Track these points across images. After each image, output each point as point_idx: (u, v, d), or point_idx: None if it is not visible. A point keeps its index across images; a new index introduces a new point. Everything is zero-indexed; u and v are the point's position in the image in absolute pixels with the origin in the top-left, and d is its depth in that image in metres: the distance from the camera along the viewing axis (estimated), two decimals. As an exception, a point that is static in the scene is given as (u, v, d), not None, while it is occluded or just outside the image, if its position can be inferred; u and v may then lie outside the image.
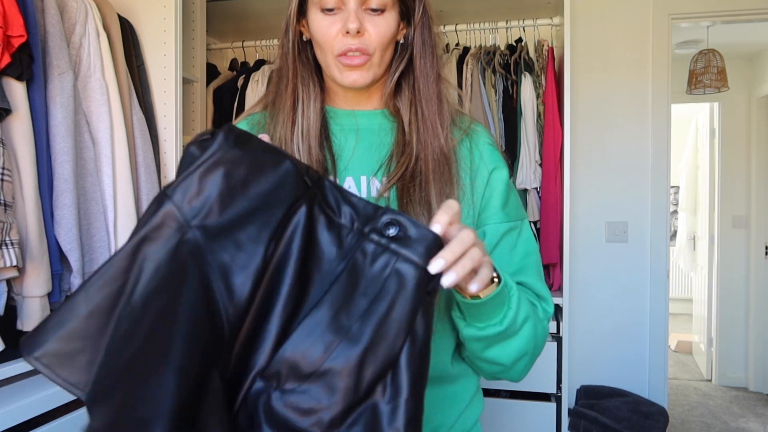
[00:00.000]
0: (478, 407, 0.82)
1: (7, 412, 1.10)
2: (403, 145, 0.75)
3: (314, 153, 0.73)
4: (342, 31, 0.70)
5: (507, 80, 2.11)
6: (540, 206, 2.07)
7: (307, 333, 0.50)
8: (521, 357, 0.71)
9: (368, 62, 0.71)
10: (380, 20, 0.70)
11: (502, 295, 0.64)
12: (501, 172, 0.78)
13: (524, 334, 0.69)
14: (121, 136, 1.42)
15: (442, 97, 0.76)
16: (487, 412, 2.03)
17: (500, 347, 0.69)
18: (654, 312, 2.52)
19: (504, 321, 0.66)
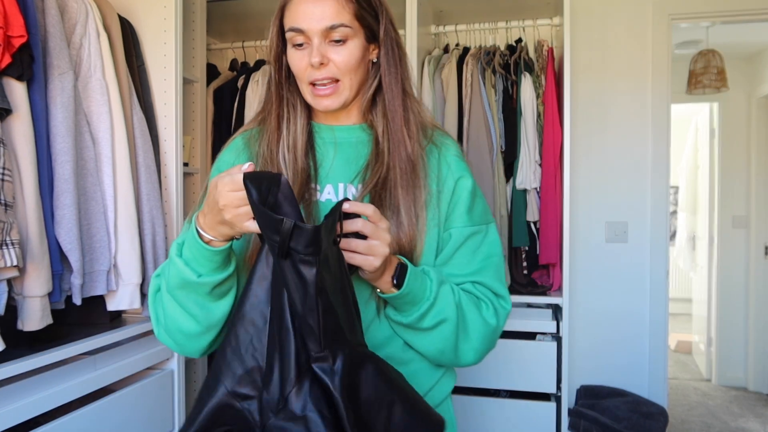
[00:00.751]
0: (447, 386, 0.93)
1: (7, 412, 1.10)
2: (376, 155, 0.85)
3: (300, 162, 0.84)
4: (308, 64, 0.80)
5: (507, 80, 2.11)
6: (540, 206, 2.07)
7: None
8: (439, 352, 0.84)
9: (338, 89, 0.81)
10: (343, 49, 0.80)
11: (406, 298, 0.78)
12: (466, 180, 0.87)
13: (436, 336, 0.82)
14: (121, 136, 1.42)
15: (408, 109, 0.85)
16: (487, 412, 2.04)
17: (412, 336, 0.83)
18: (654, 312, 2.52)
19: (408, 318, 0.80)
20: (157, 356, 1.56)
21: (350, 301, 0.72)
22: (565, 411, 1.99)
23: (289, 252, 0.64)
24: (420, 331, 0.82)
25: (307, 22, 0.78)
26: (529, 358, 2.01)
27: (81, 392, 1.29)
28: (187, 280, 0.74)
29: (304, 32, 0.79)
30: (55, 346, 1.24)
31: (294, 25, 0.79)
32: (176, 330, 0.79)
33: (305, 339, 0.65)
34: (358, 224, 0.72)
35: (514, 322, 2.04)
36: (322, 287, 0.65)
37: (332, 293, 0.67)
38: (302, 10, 0.78)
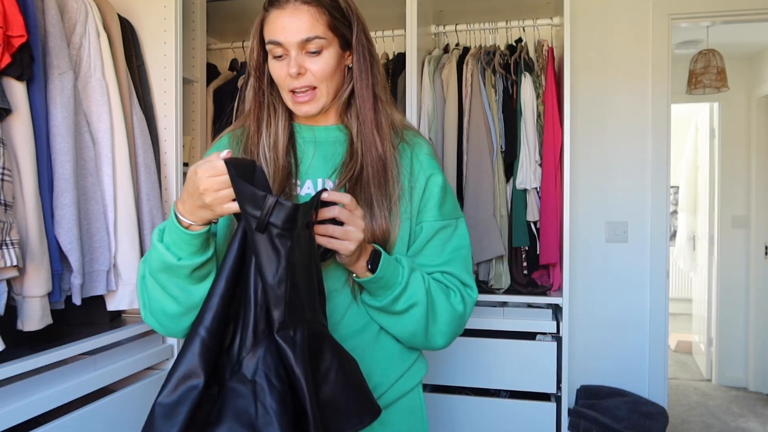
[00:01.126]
0: (419, 373, 0.99)
1: (7, 412, 1.10)
2: (351, 154, 0.92)
3: (281, 160, 0.92)
4: (287, 74, 0.86)
5: (507, 80, 2.11)
6: (540, 206, 2.07)
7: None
8: (411, 335, 0.91)
9: (315, 95, 0.89)
10: (318, 59, 0.87)
11: (379, 282, 0.85)
12: (437, 177, 0.95)
13: (408, 319, 0.89)
14: (121, 136, 1.42)
15: (379, 112, 0.92)
16: (487, 412, 2.04)
17: (386, 319, 0.90)
18: (654, 312, 2.52)
19: (381, 301, 0.87)
20: (157, 356, 1.56)
21: (315, 283, 0.79)
22: (565, 411, 1.99)
23: (267, 226, 0.70)
24: (393, 315, 0.89)
25: (284, 35, 0.85)
26: (529, 358, 2.01)
27: (81, 392, 1.29)
28: (168, 264, 0.79)
29: (282, 45, 0.85)
30: (55, 346, 1.24)
31: (273, 38, 0.86)
32: (160, 311, 0.84)
33: (271, 308, 0.70)
34: (335, 211, 0.80)
35: (514, 322, 2.04)
36: (293, 262, 0.71)
37: (300, 272, 0.73)
38: (280, 23, 0.85)
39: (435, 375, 2.10)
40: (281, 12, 0.85)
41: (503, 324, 2.05)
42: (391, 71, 2.25)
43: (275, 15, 0.86)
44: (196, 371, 0.70)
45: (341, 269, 0.88)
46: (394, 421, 0.94)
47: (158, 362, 1.58)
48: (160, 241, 0.80)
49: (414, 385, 0.98)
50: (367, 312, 0.91)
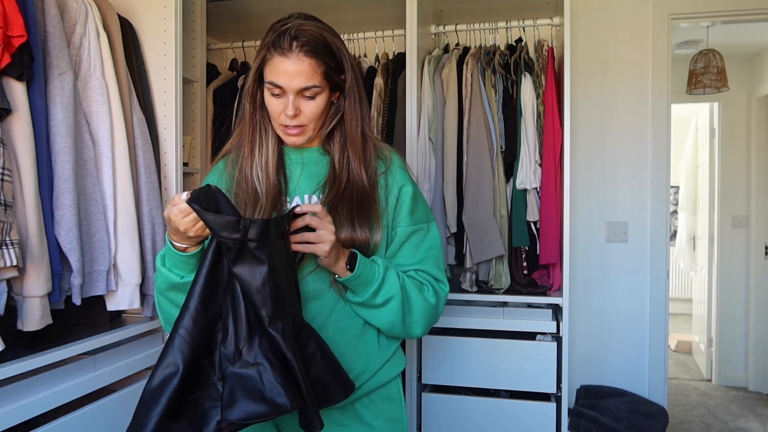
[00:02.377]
0: (398, 366, 1.11)
1: (7, 412, 1.10)
2: (333, 176, 1.04)
3: (271, 179, 1.03)
4: (283, 111, 0.98)
5: (507, 80, 2.11)
6: (540, 206, 2.07)
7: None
8: (390, 325, 1.02)
9: (304, 131, 1.01)
10: (312, 104, 0.99)
11: (359, 280, 0.97)
12: (407, 188, 1.08)
13: (387, 311, 1.01)
14: (121, 136, 1.42)
15: (367, 145, 1.06)
16: (487, 412, 2.04)
17: (368, 313, 1.02)
18: (654, 312, 2.52)
19: (362, 297, 0.99)
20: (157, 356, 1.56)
21: (293, 283, 0.93)
22: (565, 411, 1.99)
23: (246, 243, 0.82)
24: (374, 308, 1.01)
25: (285, 81, 0.96)
26: (529, 358, 2.01)
27: (81, 392, 1.29)
28: (173, 283, 0.93)
29: (282, 88, 0.97)
30: (55, 346, 1.24)
31: (274, 81, 0.97)
32: (165, 322, 1.00)
33: (257, 307, 0.84)
34: (306, 219, 0.93)
35: (514, 322, 2.04)
36: (273, 267, 0.85)
37: (280, 275, 0.87)
38: (282, 69, 0.96)
39: (435, 375, 2.10)
40: (284, 60, 0.95)
41: (503, 324, 2.05)
42: (391, 71, 2.25)
43: (279, 60, 0.96)
44: (175, 362, 0.83)
45: (326, 273, 1.00)
46: (375, 407, 1.07)
47: (158, 362, 1.58)
48: (163, 266, 0.94)
49: (393, 376, 1.10)
50: (351, 309, 1.03)
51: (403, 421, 1.12)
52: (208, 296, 0.86)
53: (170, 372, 0.83)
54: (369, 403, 1.06)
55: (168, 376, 0.83)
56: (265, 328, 0.84)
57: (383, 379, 1.08)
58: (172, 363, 0.83)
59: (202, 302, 0.85)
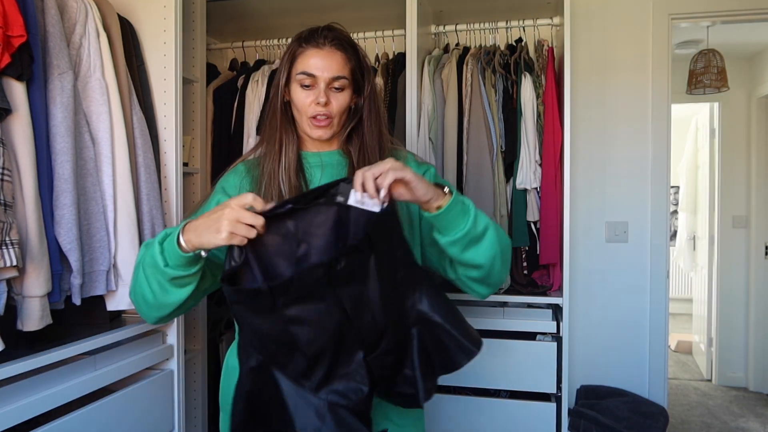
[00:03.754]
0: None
1: (7, 412, 1.10)
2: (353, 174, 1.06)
3: (292, 181, 1.07)
4: (314, 102, 1.03)
5: (507, 80, 2.11)
6: (540, 206, 2.07)
7: None
8: (493, 257, 0.99)
9: (330, 123, 1.06)
10: (340, 96, 1.05)
11: (456, 207, 0.94)
12: (430, 170, 1.14)
13: (488, 237, 0.97)
14: (121, 136, 1.42)
15: (384, 146, 1.11)
16: (487, 412, 2.04)
17: (474, 248, 0.97)
18: (654, 312, 2.52)
19: (466, 226, 0.95)
20: (157, 356, 1.56)
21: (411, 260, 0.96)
22: (565, 411, 1.99)
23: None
24: (478, 240, 0.97)
25: (319, 70, 1.02)
26: (529, 359, 2.01)
27: (81, 392, 1.29)
28: (156, 264, 0.91)
29: (315, 77, 1.02)
30: (55, 346, 1.24)
31: (308, 71, 1.03)
32: (140, 295, 0.98)
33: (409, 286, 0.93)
34: (387, 164, 0.90)
35: (514, 322, 2.04)
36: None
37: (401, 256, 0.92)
38: (316, 60, 1.02)
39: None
40: (319, 51, 1.03)
41: (503, 324, 2.05)
42: (391, 71, 2.25)
43: (313, 52, 1.03)
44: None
45: None
46: (396, 413, 1.08)
47: (158, 362, 1.58)
48: (160, 243, 0.92)
49: None
50: (450, 266, 1.05)
51: (422, 419, 1.16)
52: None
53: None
54: (390, 410, 1.10)
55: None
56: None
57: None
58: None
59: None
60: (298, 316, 0.85)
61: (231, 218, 0.84)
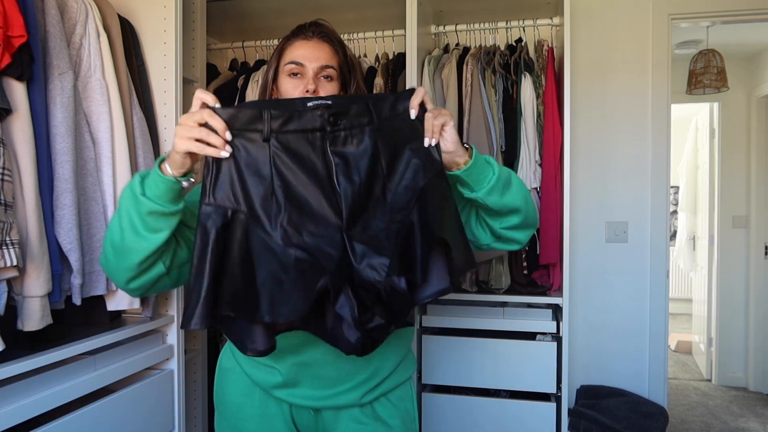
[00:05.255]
0: (412, 366, 1.17)
1: (7, 412, 1.10)
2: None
3: None
4: (302, 90, 1.02)
5: (507, 80, 2.11)
6: (540, 206, 2.07)
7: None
8: (526, 196, 1.01)
9: None
10: (328, 85, 1.05)
11: (480, 158, 0.96)
12: None
13: (514, 180, 1.00)
14: (121, 136, 1.42)
15: None
16: (487, 412, 2.04)
17: (508, 192, 0.98)
18: (654, 312, 2.52)
19: (494, 172, 0.96)
20: (157, 356, 1.56)
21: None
22: (565, 411, 1.99)
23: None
24: (508, 183, 0.98)
25: (307, 60, 1.03)
26: (529, 358, 2.01)
27: (81, 392, 1.29)
28: (134, 194, 0.85)
29: (304, 66, 1.03)
30: (55, 346, 1.24)
31: (296, 60, 1.03)
32: (108, 241, 0.91)
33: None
34: (420, 94, 0.92)
35: (514, 322, 2.04)
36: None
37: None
38: (304, 50, 1.04)
39: (435, 375, 2.10)
40: (307, 42, 1.04)
41: (503, 324, 2.05)
42: (391, 71, 2.25)
43: (301, 43, 1.04)
44: None
45: None
46: (391, 406, 1.11)
47: (158, 362, 1.58)
48: (141, 175, 0.88)
49: (408, 376, 1.15)
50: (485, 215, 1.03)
51: (416, 420, 1.17)
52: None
53: None
54: (386, 402, 1.11)
55: None
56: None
57: (399, 380, 1.12)
58: None
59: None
60: (284, 157, 0.86)
61: (183, 122, 0.84)
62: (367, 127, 0.90)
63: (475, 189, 0.97)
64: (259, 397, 1.09)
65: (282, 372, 1.05)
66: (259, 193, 0.86)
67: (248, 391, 1.10)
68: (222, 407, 1.14)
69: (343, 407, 1.07)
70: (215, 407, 1.18)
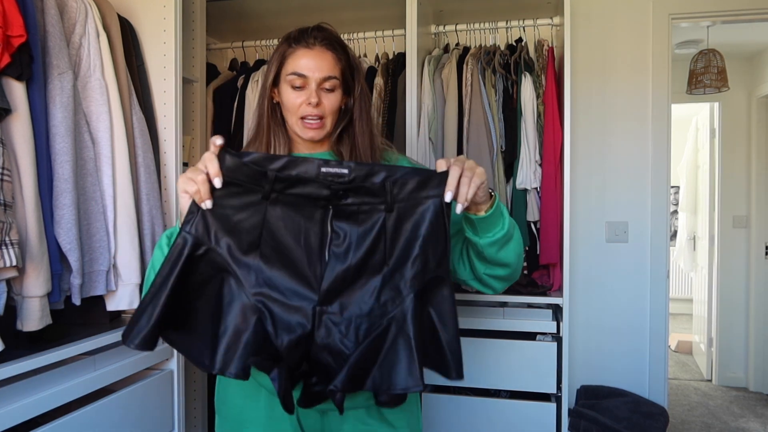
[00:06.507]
0: None
1: (7, 412, 1.10)
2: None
3: None
4: (305, 102, 1.02)
5: (507, 80, 2.11)
6: (540, 206, 2.07)
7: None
8: (519, 255, 1.02)
9: (323, 124, 1.05)
10: (331, 96, 1.04)
11: (499, 208, 0.95)
12: None
13: (517, 235, 1.00)
14: (121, 136, 1.42)
15: (374, 147, 1.10)
16: (487, 412, 2.04)
17: (507, 248, 0.98)
18: (654, 312, 2.52)
19: (505, 226, 0.96)
20: (157, 356, 1.56)
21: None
22: (565, 411, 1.99)
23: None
24: (508, 242, 0.98)
25: (310, 71, 1.02)
26: (529, 359, 2.01)
27: (81, 392, 1.29)
28: (163, 254, 0.89)
29: (306, 78, 1.02)
30: (55, 346, 1.24)
31: (298, 71, 1.02)
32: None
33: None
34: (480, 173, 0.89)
35: (514, 322, 2.04)
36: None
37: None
38: (307, 60, 1.02)
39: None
40: (309, 51, 1.02)
41: (503, 324, 2.05)
42: (391, 71, 2.25)
43: (303, 52, 1.02)
44: None
45: None
46: (397, 408, 1.06)
47: (158, 362, 1.58)
48: (167, 236, 0.94)
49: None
50: (482, 267, 1.02)
51: (419, 420, 1.16)
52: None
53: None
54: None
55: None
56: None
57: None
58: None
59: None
60: (279, 217, 0.85)
61: (184, 175, 0.85)
62: (378, 208, 0.86)
63: (479, 235, 0.96)
64: (265, 399, 1.08)
65: None
66: (244, 242, 0.84)
67: (253, 393, 1.09)
68: (224, 410, 1.14)
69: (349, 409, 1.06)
70: (216, 410, 1.17)
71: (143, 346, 0.81)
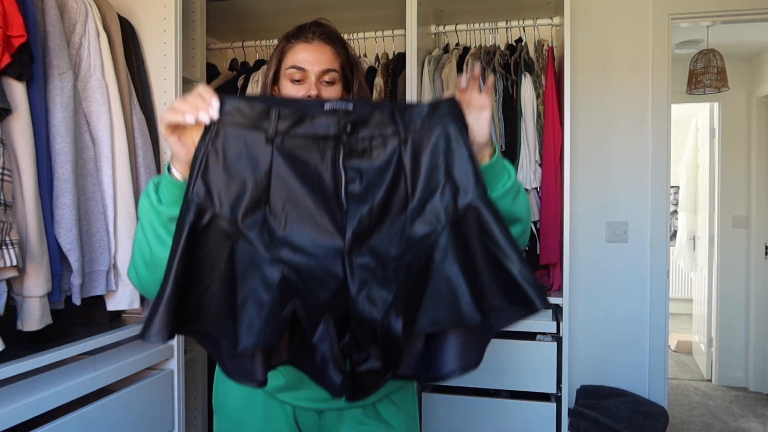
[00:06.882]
0: None
1: (7, 412, 1.10)
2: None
3: None
4: (305, 95, 1.01)
5: (507, 80, 2.11)
6: (540, 206, 2.07)
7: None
8: (528, 209, 0.97)
9: None
10: (331, 89, 1.03)
11: (501, 159, 0.91)
12: None
13: (523, 191, 0.95)
14: (121, 136, 1.42)
15: None
16: (487, 412, 2.04)
17: (518, 201, 0.93)
18: (654, 312, 2.52)
19: (511, 175, 0.91)
20: (157, 356, 1.56)
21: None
22: (565, 411, 1.99)
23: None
24: (520, 190, 0.94)
25: (309, 64, 1.01)
26: (529, 359, 2.01)
27: (81, 392, 1.29)
28: (152, 204, 0.83)
29: (306, 71, 1.01)
30: (55, 346, 1.24)
31: (298, 65, 1.01)
32: (139, 257, 0.88)
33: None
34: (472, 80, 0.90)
35: (514, 322, 2.04)
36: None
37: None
38: (305, 53, 1.02)
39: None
40: (308, 45, 1.02)
41: (503, 324, 2.05)
42: (391, 71, 2.25)
43: (302, 46, 1.02)
44: None
45: None
46: (394, 407, 1.10)
47: (158, 362, 1.58)
48: (159, 203, 0.84)
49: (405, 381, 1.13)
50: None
51: (416, 419, 1.16)
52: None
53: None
54: (389, 403, 1.10)
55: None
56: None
57: (402, 381, 1.11)
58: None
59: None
60: (287, 164, 0.76)
61: (168, 110, 0.79)
62: (391, 141, 0.78)
63: (489, 189, 0.92)
64: (262, 400, 1.08)
65: (285, 374, 1.05)
66: (250, 198, 0.76)
67: (250, 394, 1.09)
68: (222, 410, 1.14)
69: (346, 408, 1.07)
70: (214, 410, 1.17)
71: (157, 339, 0.72)
